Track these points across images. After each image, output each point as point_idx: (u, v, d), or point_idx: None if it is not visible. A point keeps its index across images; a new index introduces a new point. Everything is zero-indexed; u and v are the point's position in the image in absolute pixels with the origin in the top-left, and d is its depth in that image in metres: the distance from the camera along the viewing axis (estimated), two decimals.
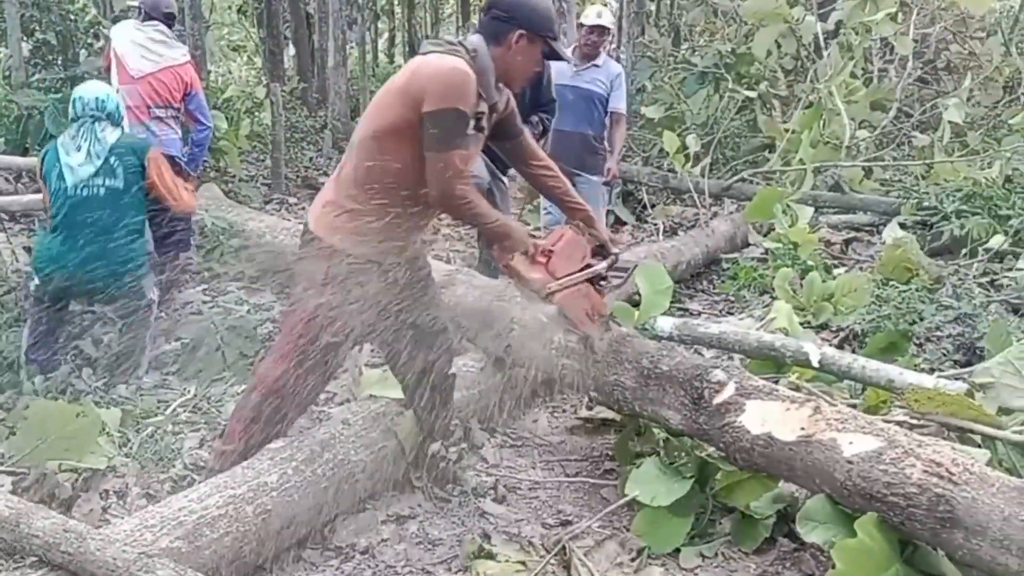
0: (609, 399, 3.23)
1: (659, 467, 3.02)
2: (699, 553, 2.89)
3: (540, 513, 3.15)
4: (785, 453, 2.65)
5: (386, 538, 2.96)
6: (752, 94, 7.97)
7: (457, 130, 2.47)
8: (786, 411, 2.66)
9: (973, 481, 2.29)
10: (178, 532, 2.44)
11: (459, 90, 2.45)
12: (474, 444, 3.57)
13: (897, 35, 7.64)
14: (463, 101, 2.46)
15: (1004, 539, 2.19)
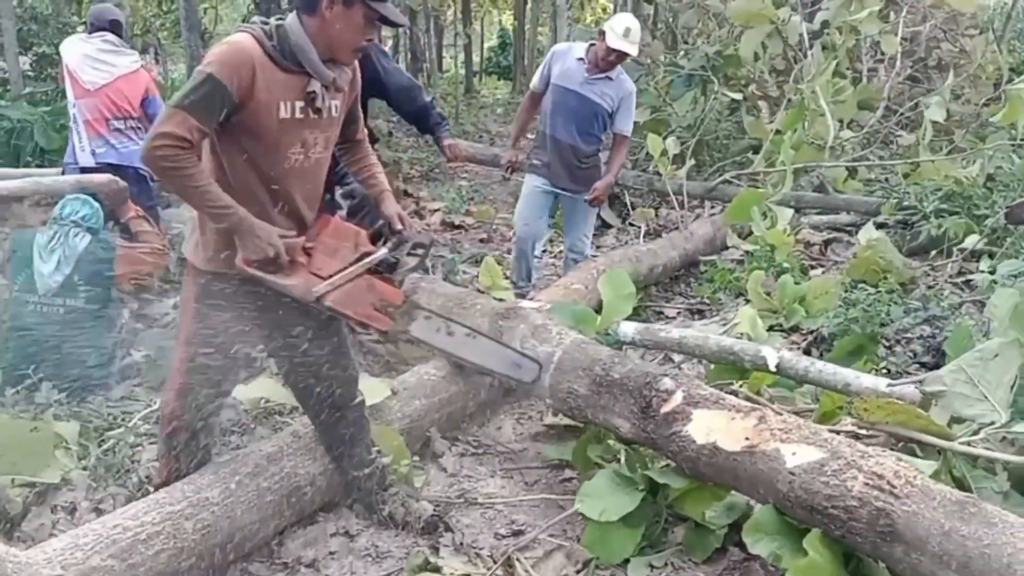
0: (563, 406, 3.14)
1: (611, 479, 2.93)
2: (648, 564, 2.80)
3: (494, 524, 3.07)
4: (730, 463, 2.56)
5: (334, 551, 2.88)
6: (738, 96, 7.85)
7: (195, 92, 2.21)
8: (731, 420, 2.57)
9: (915, 494, 2.20)
10: (111, 550, 2.38)
11: (217, 57, 2.26)
12: (434, 453, 3.50)
13: (882, 33, 7.50)
14: (219, 69, 2.23)
15: (943, 554, 2.10)
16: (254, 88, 2.29)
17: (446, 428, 3.62)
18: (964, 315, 3.96)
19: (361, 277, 2.48)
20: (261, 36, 2.33)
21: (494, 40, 23.16)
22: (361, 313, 2.50)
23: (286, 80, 2.36)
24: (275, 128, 2.37)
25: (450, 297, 3.82)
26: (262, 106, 2.32)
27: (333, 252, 2.47)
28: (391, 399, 3.37)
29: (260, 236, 2.35)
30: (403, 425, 3.33)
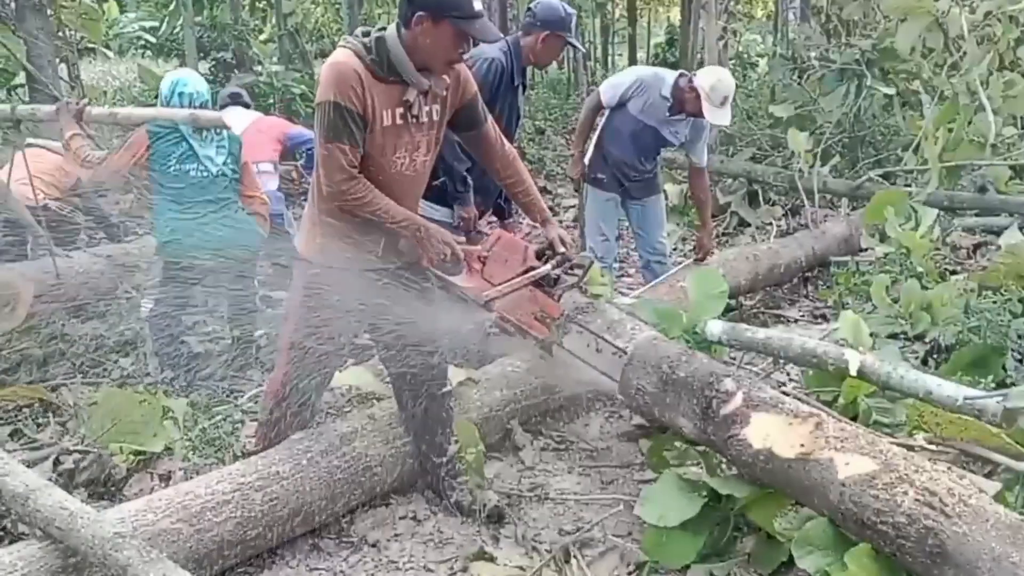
0: (632, 403, 3.08)
1: (675, 483, 2.84)
2: (709, 572, 2.69)
3: (561, 519, 3.04)
4: (784, 470, 2.43)
5: (399, 533, 2.96)
6: (891, 91, 7.37)
7: (331, 124, 2.44)
8: (788, 425, 2.44)
9: (967, 514, 2.02)
10: (181, 515, 2.56)
11: (330, 82, 2.44)
12: (515, 445, 3.51)
13: None
14: (337, 93, 2.42)
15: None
16: (365, 99, 2.45)
17: (528, 421, 3.63)
18: None
19: (526, 288, 2.68)
20: (360, 50, 2.47)
21: (661, 36, 22.80)
22: (523, 320, 2.67)
23: (386, 90, 2.50)
24: (379, 135, 2.52)
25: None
26: (371, 116, 2.48)
27: (504, 263, 2.67)
28: (472, 388, 3.42)
29: (440, 240, 2.60)
30: (481, 415, 3.36)
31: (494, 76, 3.73)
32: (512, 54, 3.81)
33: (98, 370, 4.17)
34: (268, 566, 2.78)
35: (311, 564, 2.80)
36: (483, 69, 3.69)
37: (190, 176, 3.95)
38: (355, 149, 2.48)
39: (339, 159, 2.46)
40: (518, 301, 2.64)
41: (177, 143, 3.92)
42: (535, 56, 3.87)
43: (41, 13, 6.80)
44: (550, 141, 11.00)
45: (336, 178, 2.49)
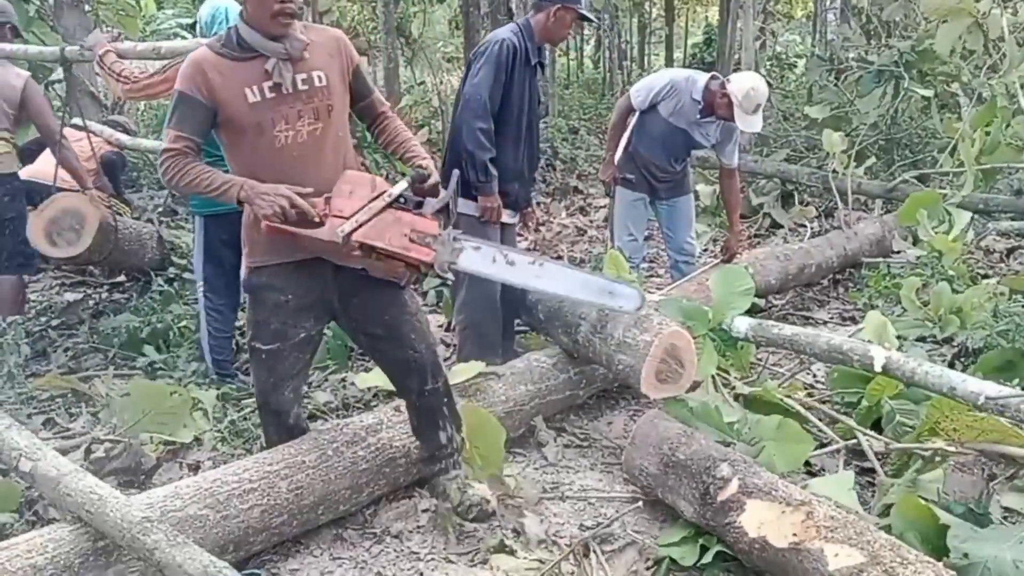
0: (636, 483, 3.10)
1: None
2: (726, 569, 2.71)
3: (582, 515, 3.07)
4: (779, 559, 2.43)
5: (422, 525, 3.00)
6: (928, 93, 7.29)
7: (172, 111, 2.59)
8: (781, 514, 2.43)
9: None
10: (207, 501, 2.62)
11: (179, 75, 2.59)
12: (538, 441, 3.55)
13: None
14: (179, 84, 2.56)
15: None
16: (213, 86, 2.53)
17: (552, 417, 3.67)
18: None
19: (387, 212, 2.47)
20: (212, 43, 2.62)
21: (699, 36, 22.70)
22: (395, 244, 2.45)
23: (246, 67, 2.56)
24: (250, 113, 2.55)
25: None
26: (229, 99, 2.54)
27: (349, 194, 2.51)
28: (496, 382, 3.47)
29: (267, 192, 2.50)
30: (505, 408, 3.41)
31: (507, 57, 3.70)
32: (524, 34, 3.79)
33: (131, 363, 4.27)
34: (292, 554, 2.84)
35: (334, 553, 2.86)
36: (495, 51, 3.69)
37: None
38: (183, 136, 2.55)
39: (166, 141, 2.57)
40: (382, 226, 2.45)
41: None
42: (547, 33, 3.84)
43: (78, 9, 6.94)
44: (583, 140, 11.01)
45: (160, 159, 2.58)
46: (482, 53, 3.75)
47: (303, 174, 2.60)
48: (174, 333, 4.31)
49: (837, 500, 2.55)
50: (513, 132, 3.78)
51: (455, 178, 2.69)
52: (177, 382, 3.76)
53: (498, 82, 3.68)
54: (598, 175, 5.22)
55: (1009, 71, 6.32)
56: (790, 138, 8.79)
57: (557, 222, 7.26)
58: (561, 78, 18.28)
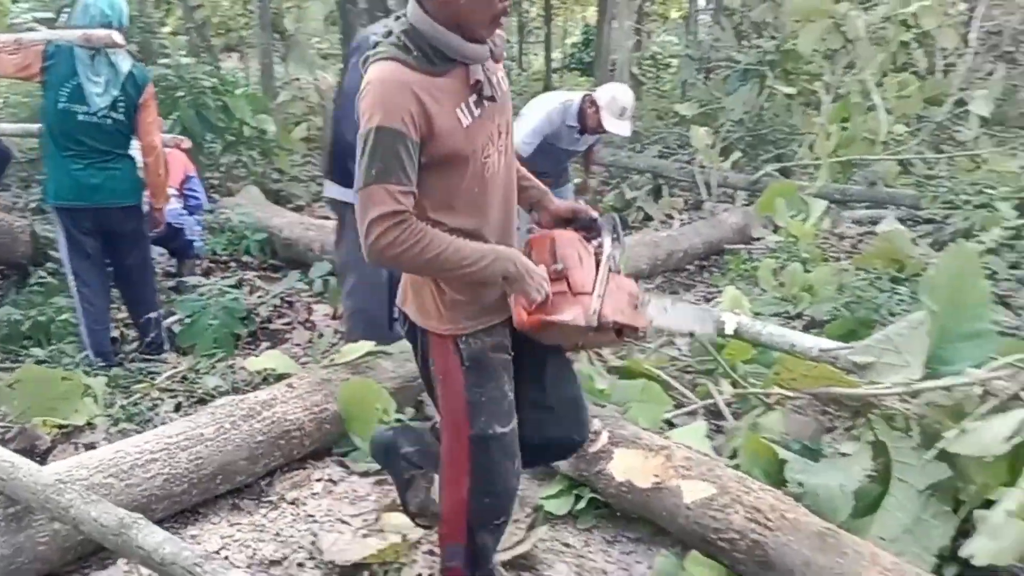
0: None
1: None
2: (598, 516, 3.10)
3: None
4: (644, 499, 2.84)
5: (316, 492, 3.28)
6: (791, 90, 8.01)
7: (374, 156, 1.95)
8: (644, 459, 2.83)
9: (786, 527, 2.49)
10: (112, 471, 2.84)
11: (375, 105, 1.96)
12: (426, 416, 3.86)
13: (941, 27, 7.53)
14: (380, 117, 1.94)
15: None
16: (429, 115, 1.97)
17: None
18: None
19: (611, 279, 2.17)
20: (398, 53, 2.01)
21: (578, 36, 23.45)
22: (628, 316, 2.16)
23: (448, 84, 2.04)
24: (463, 139, 2.04)
25: None
26: (445, 128, 2.00)
27: (580, 263, 2.18)
28: (385, 360, 3.77)
29: (535, 275, 2.08)
30: (395, 385, 3.71)
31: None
32: None
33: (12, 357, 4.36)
34: (192, 522, 3.07)
35: (232, 520, 3.11)
36: (369, 45, 3.94)
37: (77, 119, 3.98)
38: (404, 190, 1.96)
39: (381, 203, 1.95)
40: (616, 298, 2.15)
41: (69, 77, 3.95)
42: None
43: None
44: None
45: (375, 230, 1.96)
46: (357, 49, 3.99)
47: (505, 204, 2.20)
48: (56, 326, 4.42)
49: (693, 446, 2.98)
50: None
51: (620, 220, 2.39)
52: (64, 369, 3.90)
53: None
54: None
55: (863, 70, 7.04)
56: (663, 135, 9.40)
57: None
58: None
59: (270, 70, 10.77)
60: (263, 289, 5.44)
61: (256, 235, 5.96)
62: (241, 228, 5.99)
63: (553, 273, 2.13)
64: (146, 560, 2.33)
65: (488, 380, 2.15)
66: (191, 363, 4.24)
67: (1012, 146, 6.77)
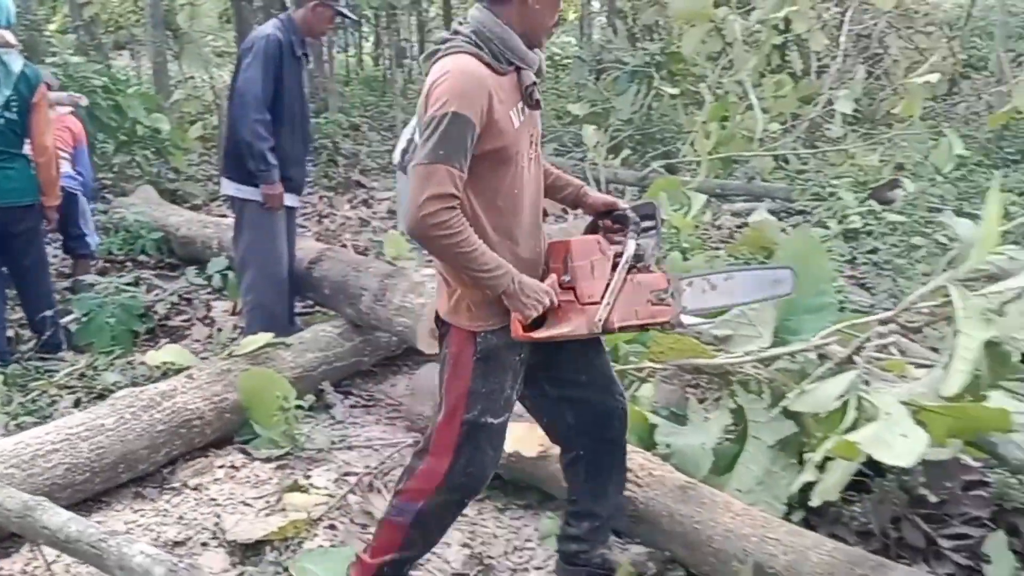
0: (417, 428, 3.65)
1: None
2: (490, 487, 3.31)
3: (368, 460, 3.58)
4: (530, 466, 3.07)
5: (219, 478, 3.40)
6: (675, 90, 8.41)
7: (444, 138, 2.08)
8: (530, 430, 2.99)
9: (653, 483, 2.76)
10: (13, 461, 2.92)
11: (455, 92, 2.10)
12: (326, 404, 4.02)
13: (811, 31, 8.03)
14: (458, 103, 2.08)
15: (671, 531, 2.67)
16: (492, 110, 2.14)
17: (340, 383, 4.15)
18: None
19: (627, 282, 2.32)
20: (475, 50, 2.17)
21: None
22: (645, 316, 2.35)
23: (507, 84, 2.21)
24: (512, 139, 2.20)
25: (348, 263, 4.37)
26: (500, 124, 2.16)
27: (592, 272, 2.30)
28: (284, 351, 3.91)
29: (532, 289, 2.21)
30: (294, 374, 3.85)
31: (275, 51, 4.05)
32: (288, 28, 4.15)
33: None
34: (95, 510, 3.16)
35: (136, 507, 3.21)
36: (262, 47, 4.04)
37: None
38: (463, 176, 2.12)
39: (444, 182, 2.08)
40: (630, 300, 2.31)
41: None
42: (309, 27, 4.19)
43: None
44: (366, 137, 11.46)
45: (434, 206, 2.08)
46: (250, 49, 4.11)
47: (536, 207, 2.36)
48: None
49: None
50: (288, 121, 4.17)
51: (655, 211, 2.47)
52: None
53: (268, 75, 4.03)
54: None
55: (738, 71, 7.47)
56: (559, 134, 9.71)
57: (340, 214, 7.70)
58: (341, 75, 18.61)
59: (163, 68, 10.64)
60: (161, 287, 5.47)
61: (152, 234, 5.97)
62: (136, 227, 5.99)
63: (563, 283, 2.28)
64: (52, 540, 2.44)
65: (493, 374, 2.30)
66: (89, 360, 4.27)
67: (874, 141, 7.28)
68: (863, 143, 7.66)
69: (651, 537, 2.76)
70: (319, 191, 8.46)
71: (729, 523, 2.56)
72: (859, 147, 7.24)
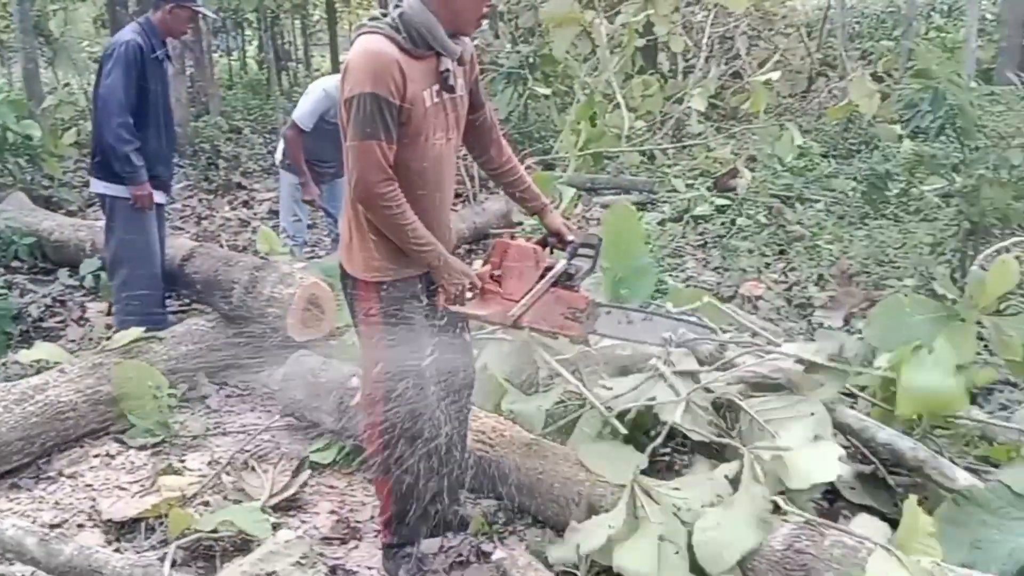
0: (289, 411, 3.82)
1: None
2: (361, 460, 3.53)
3: (243, 443, 3.74)
4: None
5: (95, 467, 3.52)
6: (547, 91, 8.75)
7: (369, 117, 2.31)
8: None
9: (503, 443, 3.08)
10: None
11: (366, 72, 2.31)
12: (201, 395, 4.16)
13: (670, 35, 8.51)
14: (374, 84, 2.30)
15: (520, 483, 2.98)
16: (406, 87, 2.33)
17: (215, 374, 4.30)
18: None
19: (548, 292, 2.61)
20: (389, 32, 2.35)
21: None
22: (555, 324, 2.62)
23: (422, 67, 2.39)
24: (422, 119, 2.41)
25: (219, 258, 4.52)
26: (413, 102, 2.37)
27: (520, 275, 2.61)
28: (157, 344, 4.04)
29: (455, 269, 2.51)
30: (168, 366, 3.98)
31: (135, 56, 4.14)
32: (147, 31, 4.25)
33: None
34: None
35: (11, 496, 3.30)
36: (122, 52, 4.13)
37: None
38: (391, 147, 2.35)
39: (377, 157, 2.33)
40: (545, 308, 2.61)
41: None
42: (167, 29, 4.31)
43: None
44: (248, 140, 11.47)
45: (373, 178, 2.35)
46: (110, 55, 4.19)
47: (443, 185, 2.58)
48: None
49: None
50: (153, 122, 4.28)
51: (598, 244, 2.79)
52: None
53: (130, 80, 4.13)
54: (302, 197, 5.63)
55: (603, 71, 7.86)
56: None
57: (220, 215, 7.76)
58: (224, 79, 18.41)
59: (35, 75, 10.39)
60: (34, 291, 5.46)
61: (25, 239, 5.92)
62: (8, 233, 5.94)
63: (492, 276, 2.63)
64: None
65: (402, 321, 2.53)
66: None
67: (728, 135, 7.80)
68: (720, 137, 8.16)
69: (503, 490, 3.02)
70: (198, 194, 8.48)
71: (567, 471, 2.88)
72: (716, 141, 7.72)
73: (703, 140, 7.94)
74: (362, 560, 2.95)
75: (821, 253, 5.53)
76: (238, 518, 2.89)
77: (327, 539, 3.06)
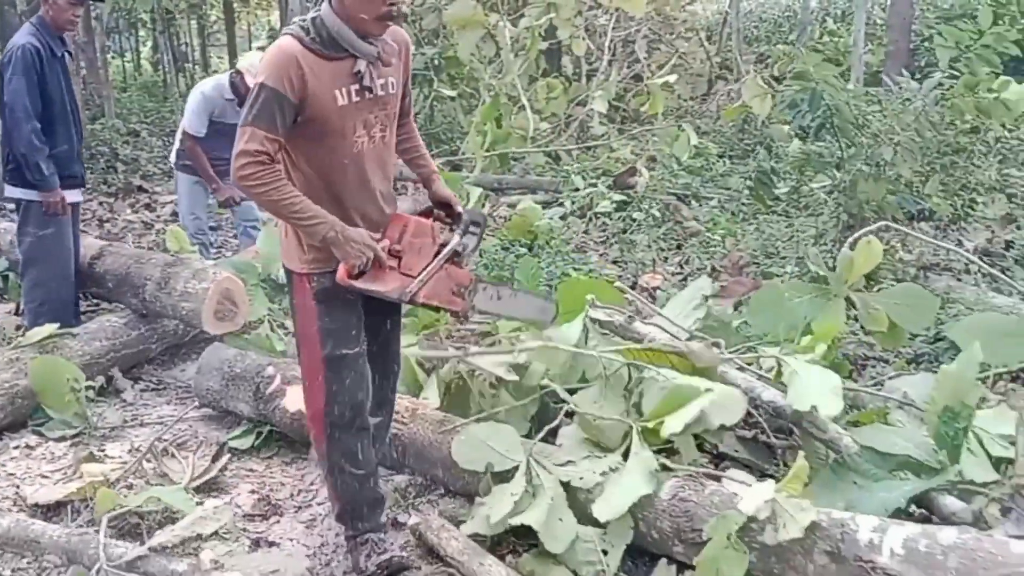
0: (206, 401, 4.02)
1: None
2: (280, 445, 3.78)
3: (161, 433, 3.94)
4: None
5: (15, 457, 3.67)
6: (452, 93, 9.08)
7: (254, 105, 2.49)
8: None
9: (417, 420, 3.37)
10: None
11: (267, 65, 2.52)
12: (116, 388, 4.33)
13: (572, 39, 8.91)
14: (270, 76, 2.49)
15: (434, 459, 3.27)
16: (306, 84, 2.50)
17: (129, 370, 4.47)
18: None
19: (441, 269, 2.74)
20: (299, 33, 2.54)
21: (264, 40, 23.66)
22: (444, 300, 2.77)
23: (335, 67, 2.56)
24: (337, 116, 2.57)
25: (130, 256, 4.69)
26: (319, 99, 2.53)
27: (418, 252, 2.72)
28: (71, 340, 4.19)
29: (356, 241, 2.57)
30: (83, 362, 4.13)
31: (32, 58, 4.19)
32: (42, 31, 4.30)
33: None
34: None
35: None
36: (19, 57, 4.19)
37: None
38: (271, 137, 2.50)
39: (251, 140, 2.49)
40: (438, 284, 2.75)
41: None
42: (55, 22, 4.31)
43: None
44: (146, 142, 11.46)
45: (242, 160, 2.49)
46: (9, 62, 4.25)
47: (370, 183, 2.72)
48: None
49: None
50: (62, 121, 4.37)
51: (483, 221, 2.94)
52: None
53: (32, 83, 4.20)
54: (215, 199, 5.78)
55: (508, 74, 8.22)
56: None
57: (122, 218, 7.84)
58: (118, 81, 18.18)
59: None
60: None
61: None
62: None
63: (392, 251, 2.69)
64: None
65: (336, 311, 2.70)
66: None
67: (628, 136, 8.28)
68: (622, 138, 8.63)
69: (417, 465, 3.33)
70: (98, 197, 8.51)
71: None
72: (618, 142, 8.18)
73: (606, 141, 8.39)
74: (284, 533, 3.19)
75: (714, 247, 6.00)
76: (165, 495, 3.10)
77: (249, 516, 3.29)
